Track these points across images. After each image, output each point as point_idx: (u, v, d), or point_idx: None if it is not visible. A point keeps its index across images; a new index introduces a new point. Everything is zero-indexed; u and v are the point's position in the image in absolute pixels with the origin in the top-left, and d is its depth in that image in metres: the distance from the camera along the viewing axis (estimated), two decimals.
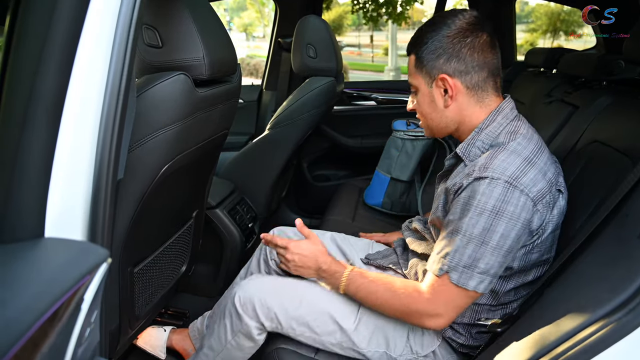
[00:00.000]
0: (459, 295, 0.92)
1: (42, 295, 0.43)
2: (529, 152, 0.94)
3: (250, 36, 20.96)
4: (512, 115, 1.01)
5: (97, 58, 0.63)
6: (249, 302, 1.08)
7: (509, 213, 0.88)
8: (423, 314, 0.94)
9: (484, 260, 0.89)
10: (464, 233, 0.90)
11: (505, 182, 0.88)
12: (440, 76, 0.98)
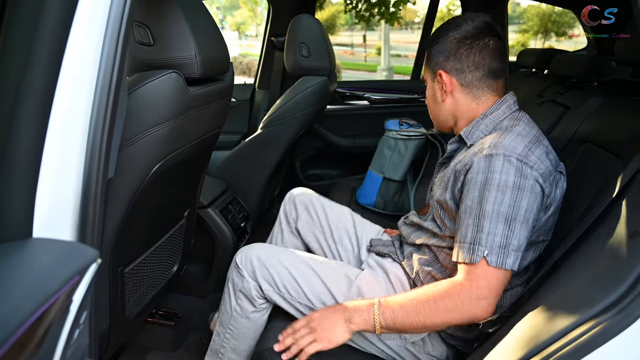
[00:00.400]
0: (499, 277, 0.92)
1: (30, 297, 0.43)
2: (532, 135, 1.01)
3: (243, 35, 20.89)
4: (514, 107, 1.09)
5: (87, 55, 0.62)
6: (249, 262, 1.15)
7: (529, 187, 0.93)
8: (470, 306, 0.91)
9: (515, 236, 0.92)
10: (491, 214, 0.92)
11: (517, 159, 0.93)
12: (438, 72, 1.09)
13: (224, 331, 1.22)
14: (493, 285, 0.92)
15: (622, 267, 0.72)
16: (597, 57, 1.41)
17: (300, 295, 1.12)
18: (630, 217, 0.79)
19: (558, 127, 1.40)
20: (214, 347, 1.26)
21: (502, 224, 0.92)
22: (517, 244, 0.92)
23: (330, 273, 1.15)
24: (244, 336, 1.21)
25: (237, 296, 1.18)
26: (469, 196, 0.96)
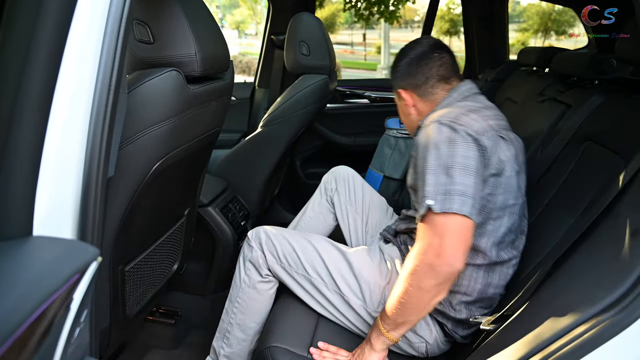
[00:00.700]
0: (449, 224, 0.93)
1: (30, 295, 0.42)
2: (468, 107, 1.09)
3: (243, 34, 20.86)
4: (470, 91, 1.20)
5: (86, 53, 0.62)
6: (258, 235, 1.27)
7: (460, 139, 0.99)
8: (427, 260, 0.92)
9: (456, 181, 0.94)
10: (431, 169, 0.97)
11: (449, 122, 1.02)
12: (398, 91, 1.26)
13: (231, 306, 1.30)
14: (447, 233, 0.92)
15: (623, 265, 0.72)
16: (598, 56, 1.40)
17: (298, 265, 1.22)
18: (632, 215, 0.79)
19: (559, 126, 1.39)
20: (222, 326, 1.32)
21: (441, 174, 0.96)
22: (461, 188, 0.94)
23: (327, 247, 1.25)
24: (251, 310, 1.28)
25: (246, 267, 1.28)
26: (417, 162, 1.05)
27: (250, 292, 1.27)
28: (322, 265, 1.20)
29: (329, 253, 1.23)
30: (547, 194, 1.23)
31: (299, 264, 1.22)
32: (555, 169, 1.28)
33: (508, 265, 1.09)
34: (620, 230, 0.78)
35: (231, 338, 1.30)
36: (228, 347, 1.30)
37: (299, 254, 1.22)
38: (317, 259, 1.21)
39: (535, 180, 1.32)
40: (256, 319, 1.28)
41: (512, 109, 1.88)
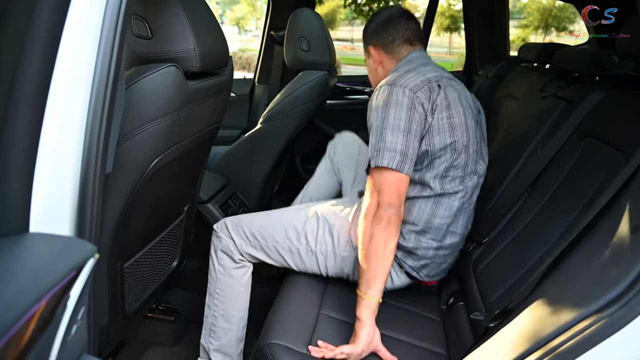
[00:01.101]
0: (382, 177, 1.10)
1: (26, 292, 0.42)
2: (408, 68, 1.24)
3: (243, 30, 20.81)
4: (416, 60, 1.31)
5: (83, 48, 0.61)
6: (223, 225, 1.35)
7: (393, 101, 1.13)
8: (374, 210, 1.09)
9: (387, 140, 1.10)
10: (372, 130, 1.15)
11: (388, 85, 1.17)
12: (368, 48, 1.41)
13: (212, 299, 1.35)
14: (382, 186, 1.09)
15: (624, 261, 0.71)
16: (599, 52, 1.39)
17: (267, 237, 1.31)
18: (633, 212, 0.78)
19: (560, 122, 1.38)
20: (207, 322, 1.37)
21: (377, 134, 1.12)
22: (390, 146, 1.10)
23: (288, 212, 1.39)
24: (231, 297, 1.33)
25: (218, 257, 1.34)
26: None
27: (227, 280, 1.33)
28: (292, 229, 1.31)
29: (293, 215, 1.35)
30: (547, 190, 1.22)
31: (268, 237, 1.31)
32: (555, 165, 1.27)
33: (454, 198, 1.24)
34: (621, 227, 0.77)
35: (217, 330, 1.34)
36: (216, 340, 1.35)
37: (266, 227, 1.32)
38: (283, 225, 1.32)
39: (536, 177, 1.31)
40: (237, 306, 1.34)
41: (513, 105, 1.87)
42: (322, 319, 1.19)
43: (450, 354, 1.16)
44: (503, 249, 1.25)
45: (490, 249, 1.29)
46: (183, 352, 1.60)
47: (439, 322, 1.30)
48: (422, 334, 1.21)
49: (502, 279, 1.14)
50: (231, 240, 1.32)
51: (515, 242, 1.22)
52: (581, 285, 0.77)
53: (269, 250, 1.32)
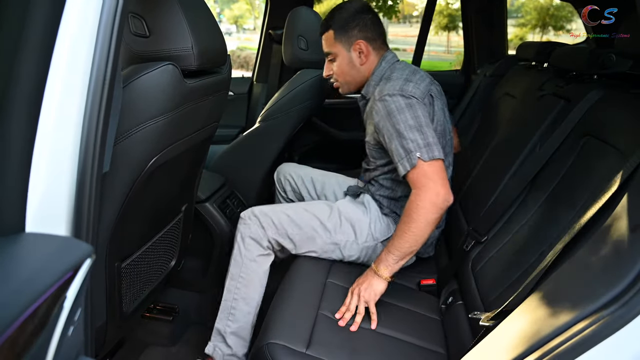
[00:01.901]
0: (436, 166, 1.23)
1: (21, 293, 0.41)
2: (405, 75, 1.33)
3: (241, 28, 20.76)
4: (392, 60, 1.45)
5: (80, 46, 0.61)
6: (252, 214, 1.43)
7: (414, 102, 1.27)
8: (432, 199, 1.20)
9: (428, 134, 1.24)
10: (405, 129, 1.24)
11: (398, 92, 1.28)
12: (357, 41, 1.41)
13: (234, 283, 1.41)
14: (438, 173, 1.22)
15: (624, 261, 0.71)
16: (597, 50, 1.39)
17: (294, 227, 1.41)
18: (632, 211, 0.78)
19: (558, 120, 1.38)
20: (226, 305, 1.42)
21: (414, 131, 1.23)
22: (432, 140, 1.24)
23: (316, 205, 1.49)
24: (253, 282, 1.41)
25: (245, 243, 1.41)
26: (385, 130, 1.29)
27: (252, 265, 1.40)
28: (315, 219, 1.42)
29: (316, 208, 1.46)
30: (546, 189, 1.22)
31: (294, 226, 1.40)
32: (554, 164, 1.27)
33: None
34: (621, 226, 0.77)
35: (236, 313, 1.40)
36: (234, 323, 1.40)
37: (292, 217, 1.41)
38: (309, 216, 1.42)
39: (534, 176, 1.31)
40: (259, 290, 1.42)
41: (511, 103, 1.87)
42: (321, 318, 1.18)
43: (449, 353, 1.16)
44: (502, 248, 1.25)
45: (489, 248, 1.28)
46: (181, 352, 1.60)
47: (438, 321, 1.29)
48: (421, 333, 1.21)
49: (501, 278, 1.14)
50: (260, 228, 1.40)
51: (514, 241, 1.22)
52: (580, 285, 0.77)
53: (294, 238, 1.41)
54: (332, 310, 1.21)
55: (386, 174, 1.46)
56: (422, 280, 1.45)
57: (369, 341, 1.14)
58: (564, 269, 0.84)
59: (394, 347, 1.14)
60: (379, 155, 1.44)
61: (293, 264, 1.44)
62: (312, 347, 1.08)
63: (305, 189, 1.77)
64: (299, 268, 1.40)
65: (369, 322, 1.19)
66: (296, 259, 1.47)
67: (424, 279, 1.46)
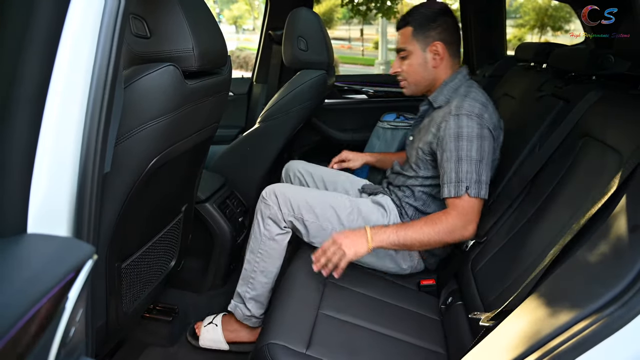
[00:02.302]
0: (476, 204, 1.26)
1: (24, 294, 0.41)
2: (483, 99, 1.35)
3: (241, 29, 20.75)
4: (467, 76, 1.45)
5: (82, 48, 0.61)
6: (272, 193, 1.45)
7: (486, 136, 1.28)
8: (459, 228, 1.24)
9: (484, 173, 1.26)
10: (466, 158, 1.25)
11: (476, 117, 1.27)
12: (434, 43, 1.39)
13: (254, 257, 1.47)
14: (475, 212, 1.26)
15: (623, 261, 0.72)
16: (596, 51, 1.39)
17: (311, 215, 1.42)
18: (631, 211, 0.78)
19: (557, 121, 1.39)
20: (246, 274, 1.50)
21: (474, 164, 1.25)
22: (485, 179, 1.26)
23: (337, 198, 1.48)
24: (272, 257, 1.47)
25: (265, 222, 1.45)
26: (447, 148, 1.28)
27: (271, 243, 1.46)
28: (333, 212, 1.42)
29: (338, 201, 1.45)
30: (545, 189, 1.22)
31: (312, 213, 1.42)
32: (553, 164, 1.27)
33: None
34: (620, 226, 0.77)
35: (255, 283, 1.48)
36: (253, 291, 1.49)
37: (310, 204, 1.42)
38: (328, 207, 1.43)
39: (533, 176, 1.31)
40: (276, 264, 1.48)
41: (510, 104, 1.87)
42: (322, 318, 1.18)
43: (449, 354, 1.16)
44: (501, 248, 1.25)
45: (488, 248, 1.29)
46: (181, 352, 1.59)
47: (438, 321, 1.30)
48: (421, 333, 1.21)
49: (501, 278, 1.14)
50: (279, 210, 1.43)
51: (514, 240, 1.22)
52: (580, 285, 0.77)
53: (309, 226, 1.43)
54: (332, 310, 1.22)
55: (426, 187, 1.44)
56: (422, 281, 1.45)
57: (369, 341, 1.14)
58: (563, 269, 0.85)
59: (394, 347, 1.14)
60: (424, 165, 1.42)
61: (293, 263, 1.44)
62: (312, 347, 1.08)
63: (315, 185, 1.76)
64: (298, 267, 1.40)
65: (369, 323, 1.19)
66: (296, 258, 1.47)
67: (423, 279, 1.46)
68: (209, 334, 1.56)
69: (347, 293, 1.31)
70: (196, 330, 1.59)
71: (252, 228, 1.51)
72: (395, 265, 1.44)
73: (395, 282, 1.45)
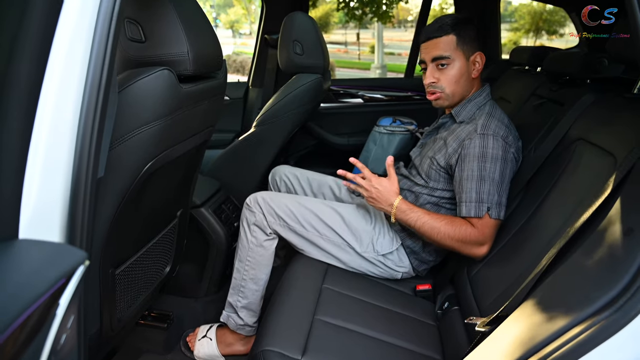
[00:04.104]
0: (495, 226, 1.25)
1: (14, 301, 0.41)
2: (506, 121, 1.36)
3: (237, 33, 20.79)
4: (489, 96, 1.43)
5: (76, 51, 0.61)
6: (256, 201, 1.46)
7: (510, 159, 1.28)
8: (474, 244, 1.24)
9: (504, 194, 1.27)
10: (488, 179, 1.24)
11: (502, 140, 1.27)
12: (478, 53, 1.38)
13: (242, 265, 1.48)
14: (492, 233, 1.25)
15: (618, 265, 0.72)
16: (590, 55, 1.40)
17: (295, 223, 1.43)
18: (625, 214, 0.79)
19: (552, 124, 1.39)
20: (236, 283, 1.50)
21: (495, 186, 1.24)
22: (504, 201, 1.26)
23: (319, 205, 1.48)
24: (260, 264, 1.47)
25: (251, 230, 1.46)
26: (468, 166, 1.27)
27: (259, 250, 1.46)
28: (317, 220, 1.43)
29: (322, 209, 1.45)
30: (540, 193, 1.23)
31: (296, 222, 1.42)
32: (547, 168, 1.28)
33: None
34: (614, 229, 0.77)
35: (246, 291, 1.49)
36: (244, 299, 1.49)
37: (295, 213, 1.43)
38: (312, 216, 1.43)
39: (528, 180, 1.32)
40: (265, 270, 1.49)
41: (506, 108, 1.87)
42: (317, 324, 1.18)
43: (445, 359, 1.16)
44: (497, 253, 1.25)
45: None
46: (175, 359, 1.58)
47: (434, 326, 1.29)
48: (417, 338, 1.20)
49: (497, 283, 1.14)
50: (263, 217, 1.44)
51: (509, 245, 1.23)
52: (575, 289, 0.77)
53: (294, 233, 1.44)
54: (328, 315, 1.21)
55: (433, 197, 1.41)
56: (418, 286, 1.45)
57: (365, 347, 1.13)
58: (558, 273, 0.85)
59: (390, 353, 1.13)
60: (436, 177, 1.39)
61: (288, 268, 1.43)
62: (307, 353, 1.08)
63: (301, 188, 1.76)
64: (294, 273, 1.39)
65: (365, 328, 1.18)
66: (291, 263, 1.46)
67: (419, 283, 1.46)
68: (204, 349, 1.54)
69: (342, 298, 1.30)
70: (189, 344, 1.57)
71: (238, 236, 1.51)
72: (388, 271, 1.45)
73: (391, 287, 1.45)
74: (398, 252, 1.43)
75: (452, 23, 1.36)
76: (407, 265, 1.44)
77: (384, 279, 1.46)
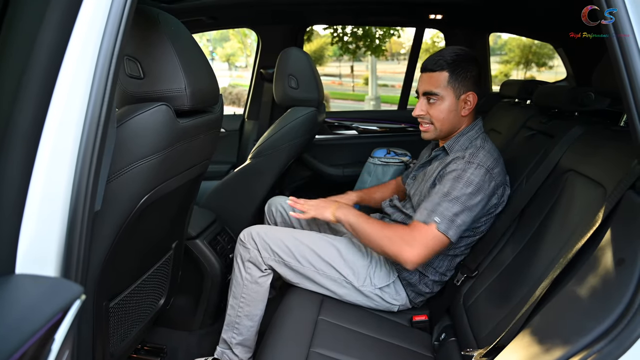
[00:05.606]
0: (436, 239, 1.23)
1: (10, 337, 0.41)
2: (496, 155, 1.36)
3: (233, 66, 21.16)
4: (482, 129, 1.44)
5: (77, 88, 0.63)
6: (250, 237, 1.44)
7: (484, 190, 1.27)
8: (403, 244, 1.22)
9: (461, 218, 1.24)
10: (454, 197, 1.24)
11: (486, 169, 1.28)
12: (469, 92, 1.38)
13: (237, 302, 1.46)
14: (430, 245, 1.22)
15: (611, 295, 0.72)
16: (577, 89, 1.44)
17: (291, 258, 1.41)
18: (616, 245, 0.80)
19: (542, 155, 1.42)
20: (230, 320, 1.48)
21: (457, 205, 1.24)
22: (460, 223, 1.24)
23: (315, 239, 1.46)
24: (255, 300, 1.45)
25: (245, 266, 1.44)
26: (442, 183, 1.29)
27: (254, 287, 1.44)
28: (314, 255, 1.41)
29: (318, 244, 1.44)
30: (533, 224, 1.24)
31: (292, 257, 1.41)
32: (539, 199, 1.29)
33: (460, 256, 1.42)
34: (606, 260, 0.78)
35: (241, 328, 1.47)
36: (239, 336, 1.48)
37: (290, 249, 1.41)
38: (308, 251, 1.41)
39: (520, 211, 1.33)
40: (260, 306, 1.48)
41: (497, 139, 1.91)
42: (313, 357, 1.16)
43: None
44: (492, 283, 1.25)
45: (479, 282, 1.29)
46: None
47: (431, 358, 1.28)
48: None
49: (493, 313, 1.13)
50: (258, 252, 1.42)
51: (503, 275, 1.23)
52: (570, 319, 0.77)
53: (290, 269, 1.42)
54: (324, 348, 1.19)
55: None
56: (415, 317, 1.44)
57: None
58: (553, 303, 0.85)
59: None
60: None
61: (283, 300, 1.42)
62: None
63: (297, 219, 1.74)
64: (289, 305, 1.38)
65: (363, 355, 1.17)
66: (286, 295, 1.45)
67: (416, 314, 1.45)
68: None
69: (338, 330, 1.29)
70: None
71: (232, 272, 1.49)
72: (385, 304, 1.44)
73: (387, 319, 1.44)
74: (395, 284, 1.42)
75: (450, 60, 1.36)
76: (404, 298, 1.43)
77: (380, 310, 1.45)
